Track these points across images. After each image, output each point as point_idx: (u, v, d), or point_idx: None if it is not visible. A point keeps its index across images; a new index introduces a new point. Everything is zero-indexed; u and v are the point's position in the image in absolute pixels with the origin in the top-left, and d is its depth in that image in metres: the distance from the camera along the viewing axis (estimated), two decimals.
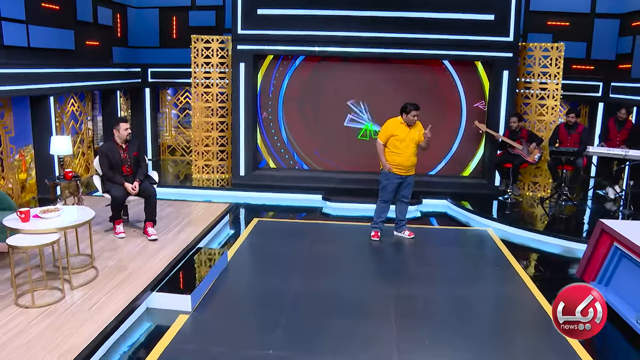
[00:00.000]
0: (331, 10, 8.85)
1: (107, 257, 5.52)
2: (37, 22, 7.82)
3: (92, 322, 4.15)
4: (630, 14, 10.24)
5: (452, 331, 4.66)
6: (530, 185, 9.51)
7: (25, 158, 8.12)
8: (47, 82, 7.78)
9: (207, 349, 4.24)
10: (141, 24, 11.00)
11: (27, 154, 8.18)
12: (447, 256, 6.82)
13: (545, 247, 7.09)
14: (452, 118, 9.39)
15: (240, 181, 9.48)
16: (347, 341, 4.40)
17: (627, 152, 8.43)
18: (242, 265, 6.11)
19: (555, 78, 9.17)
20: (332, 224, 7.93)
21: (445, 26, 8.80)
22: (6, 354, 3.67)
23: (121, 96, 10.43)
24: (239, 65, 9.12)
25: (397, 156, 6.48)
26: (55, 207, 4.93)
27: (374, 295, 5.39)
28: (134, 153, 6.27)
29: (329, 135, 9.56)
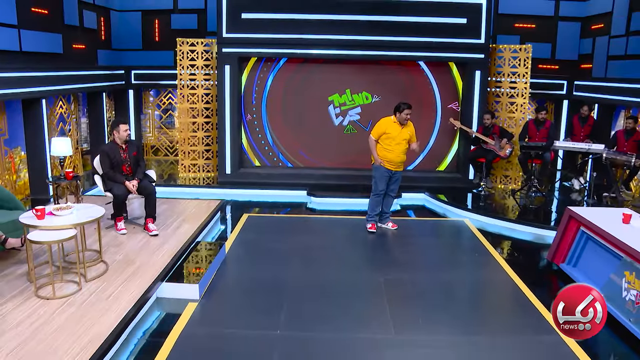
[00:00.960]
0: (313, 15, 9.25)
1: (113, 252, 5.84)
2: (28, 27, 8.02)
3: (111, 312, 4.49)
4: (590, 18, 10.93)
5: (440, 311, 5.14)
6: (502, 178, 10.10)
7: (14, 160, 8.31)
8: (39, 85, 7.99)
9: (219, 331, 4.62)
10: (124, 27, 11.22)
11: (16, 155, 8.37)
12: (429, 245, 7.32)
13: (517, 235, 7.64)
14: (428, 116, 9.88)
15: (226, 179, 9.81)
16: (347, 321, 4.83)
17: (590, 146, 9.04)
18: (239, 257, 6.47)
19: (524, 77, 9.76)
20: (319, 218, 8.35)
21: (421, 29, 9.29)
22: (36, 344, 3.96)
23: (106, 98, 10.63)
24: (224, 67, 9.45)
25: (389, 153, 6.93)
26: (67, 204, 5.23)
27: (365, 281, 5.83)
28: (133, 153, 6.58)
29: (311, 133, 9.96)
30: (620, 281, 4.84)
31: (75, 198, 7.11)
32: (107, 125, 10.54)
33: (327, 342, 4.48)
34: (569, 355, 4.32)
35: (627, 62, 9.62)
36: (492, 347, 4.51)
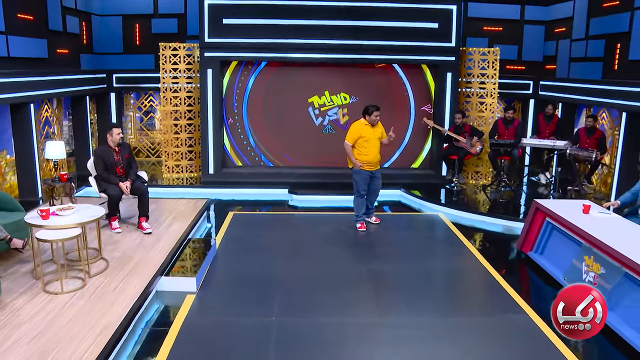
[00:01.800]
0: (292, 20, 9.63)
1: (111, 250, 6.15)
2: (15, 33, 8.22)
3: (117, 304, 4.82)
4: (553, 22, 11.54)
5: (420, 296, 5.60)
6: (473, 174, 10.64)
7: (0, 163, 8.50)
8: (28, 90, 8.20)
9: (219, 319, 5.00)
10: (105, 31, 11.42)
11: (2, 159, 8.56)
12: (407, 238, 7.79)
13: (488, 227, 8.16)
14: (402, 116, 10.35)
15: (209, 179, 10.13)
16: (335, 308, 5.26)
17: (554, 142, 9.65)
18: (229, 252, 6.83)
19: (492, 78, 10.31)
20: (302, 214, 8.75)
21: (396, 34, 9.75)
22: (52, 334, 4.27)
23: (89, 101, 10.84)
24: (206, 71, 9.77)
25: (366, 155, 7.34)
26: (69, 205, 5.54)
27: (349, 271, 6.26)
28: (125, 155, 6.89)
29: (292, 134, 10.33)
30: (581, 265, 5.36)
31: (69, 199, 7.37)
32: (91, 128, 10.76)
33: (318, 326, 4.89)
34: (535, 331, 4.82)
35: (587, 63, 10.23)
36: (468, 326, 4.98)
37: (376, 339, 4.70)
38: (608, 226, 5.49)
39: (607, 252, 4.96)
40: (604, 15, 9.68)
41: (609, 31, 9.52)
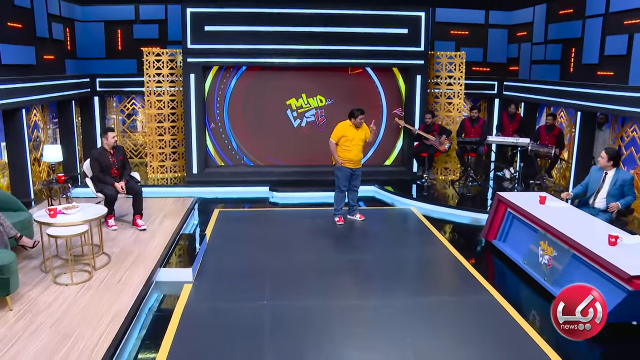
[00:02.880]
0: (270, 27, 10.18)
1: (110, 245, 6.62)
2: (6, 41, 8.58)
3: (125, 293, 5.32)
4: (515, 26, 12.31)
5: (396, 281, 6.23)
6: (442, 170, 11.34)
7: None
8: (19, 95, 8.57)
9: (216, 305, 5.55)
10: (88, 37, 11.75)
11: None
12: (383, 230, 8.42)
13: (457, 219, 8.84)
14: (375, 116, 10.82)
15: (193, 178, 10.61)
16: (320, 292, 5.85)
17: (517, 140, 10.40)
18: (218, 246, 7.32)
19: (459, 80, 11.01)
20: (283, 210, 9.33)
21: (368, 39, 10.36)
22: (70, 320, 4.75)
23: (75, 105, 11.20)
24: (189, 76, 10.25)
25: (348, 152, 7.93)
26: (73, 204, 6.01)
27: (331, 260, 6.85)
28: (120, 157, 7.36)
29: (271, 135, 10.87)
30: (537, 249, 6.05)
31: (66, 199, 7.79)
32: (77, 131, 11.15)
33: (306, 308, 5.47)
34: (498, 308, 5.48)
35: (546, 66, 11.01)
36: (438, 306, 5.63)
37: (357, 319, 5.30)
38: (560, 215, 6.19)
39: (558, 237, 5.65)
40: (561, 21, 10.45)
41: (565, 36, 10.29)
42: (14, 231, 5.67)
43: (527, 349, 4.73)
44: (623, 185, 6.46)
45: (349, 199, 8.43)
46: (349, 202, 8.47)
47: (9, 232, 5.59)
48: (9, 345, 4.29)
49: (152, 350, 4.63)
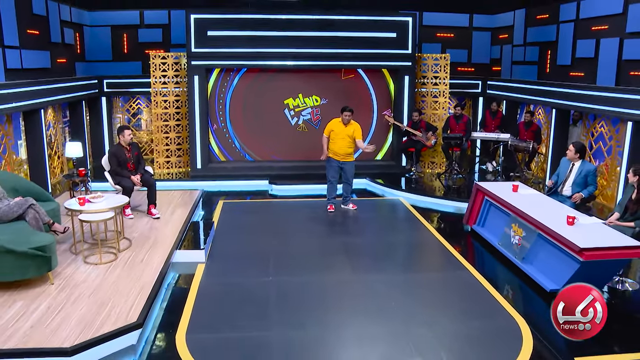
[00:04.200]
0: (268, 32, 10.95)
1: (129, 232, 7.38)
2: (26, 47, 9.29)
3: (148, 270, 6.09)
4: (498, 28, 13.12)
5: (386, 260, 7.06)
6: (429, 164, 12.16)
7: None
8: (38, 97, 9.30)
9: (227, 280, 6.32)
10: (96, 40, 12.47)
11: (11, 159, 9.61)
12: (374, 218, 9.22)
13: (442, 208, 9.66)
14: (366, 114, 11.77)
15: (197, 173, 11.36)
16: (319, 269, 6.65)
17: (498, 135, 11.22)
18: (225, 232, 8.08)
19: (444, 80, 11.82)
20: (282, 201, 10.11)
21: (360, 42, 11.16)
22: (104, 292, 5.52)
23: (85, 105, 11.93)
24: (193, 77, 11.00)
25: (334, 145, 8.73)
26: (98, 194, 6.77)
27: (328, 244, 7.66)
28: (135, 153, 8.12)
29: (270, 132, 11.65)
30: (510, 231, 6.86)
31: (85, 191, 8.54)
32: (87, 130, 11.89)
33: (306, 283, 6.26)
34: (474, 283, 6.29)
35: (525, 66, 11.83)
36: (422, 280, 6.46)
37: (350, 290, 6.11)
38: (530, 201, 7.00)
39: (526, 219, 6.47)
40: (538, 25, 11.28)
41: (542, 39, 11.12)
42: (47, 218, 6.42)
43: (498, 315, 5.54)
44: (587, 175, 7.26)
45: (343, 190, 9.20)
46: (343, 193, 9.24)
47: (43, 218, 6.34)
48: (56, 311, 5.06)
49: (175, 316, 5.40)
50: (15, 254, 5.30)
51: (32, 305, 5.18)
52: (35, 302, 5.24)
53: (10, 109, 8.45)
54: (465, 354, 4.80)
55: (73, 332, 4.69)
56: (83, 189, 8.73)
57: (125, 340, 4.77)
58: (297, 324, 5.32)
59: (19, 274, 5.40)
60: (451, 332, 5.19)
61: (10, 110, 8.47)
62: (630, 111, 8.23)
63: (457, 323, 5.39)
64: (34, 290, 5.51)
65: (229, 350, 4.84)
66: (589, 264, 5.40)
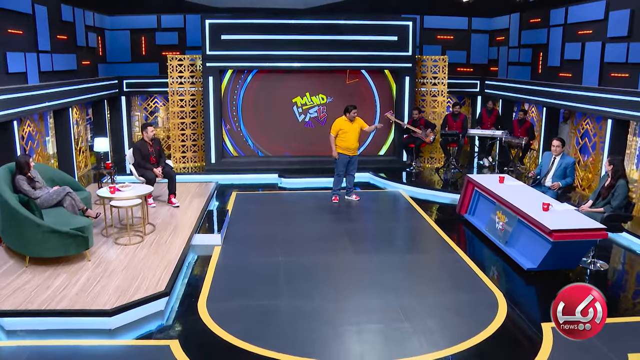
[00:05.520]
0: (278, 35, 11.74)
1: (152, 218, 8.20)
2: (57, 51, 10.14)
3: (172, 249, 6.91)
4: (495, 31, 13.84)
5: (385, 244, 7.85)
6: (428, 159, 12.91)
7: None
8: (67, 97, 10.16)
9: (241, 260, 7.12)
10: (116, 43, 13.32)
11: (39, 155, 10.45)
12: (375, 208, 10.00)
13: (439, 200, 10.40)
14: (369, 112, 12.53)
15: (211, 167, 12.18)
16: (324, 251, 7.45)
17: (494, 132, 11.95)
18: (239, 219, 8.87)
19: (443, 80, 12.56)
20: (290, 193, 10.90)
21: (363, 45, 11.93)
22: (134, 267, 6.34)
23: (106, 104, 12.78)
24: (208, 78, 11.81)
25: (344, 142, 9.47)
26: (126, 183, 7.60)
27: (332, 230, 8.44)
28: (157, 148, 8.94)
29: (279, 129, 12.45)
30: (495, 218, 7.62)
31: (112, 182, 9.37)
32: (108, 127, 12.76)
33: (312, 262, 7.05)
34: (462, 263, 7.06)
35: (520, 67, 12.55)
36: (417, 260, 7.27)
37: (351, 269, 6.92)
38: (513, 191, 7.75)
39: (508, 207, 7.22)
40: (531, 29, 11.99)
41: (534, 42, 11.83)
42: (82, 204, 7.25)
43: (479, 290, 6.29)
44: (566, 168, 8.00)
45: (347, 182, 9.98)
46: (347, 185, 10.02)
47: (78, 205, 7.17)
48: (95, 282, 5.89)
49: (196, 289, 6.21)
50: (59, 233, 6.13)
51: (74, 277, 6.01)
52: (76, 274, 6.08)
53: (44, 108, 9.31)
54: (447, 320, 5.58)
55: (111, 298, 5.51)
56: (109, 180, 9.56)
57: (154, 305, 5.58)
58: (303, 295, 6.12)
59: (62, 250, 6.24)
60: (437, 303, 5.96)
61: (44, 109, 9.33)
62: (610, 110, 8.96)
63: (443, 296, 6.16)
64: (74, 265, 6.35)
65: (243, 315, 5.63)
66: (559, 244, 6.15)
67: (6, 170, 6.92)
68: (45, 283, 5.83)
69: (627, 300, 6.26)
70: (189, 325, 5.42)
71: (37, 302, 5.40)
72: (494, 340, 5.17)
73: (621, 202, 6.76)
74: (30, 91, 8.81)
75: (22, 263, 6.35)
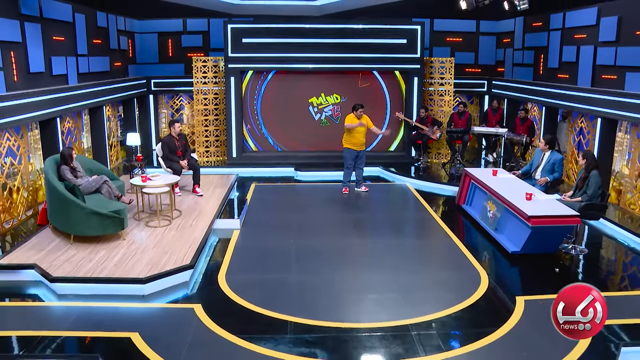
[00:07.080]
0: (295, 39, 12.62)
1: (179, 205, 9.14)
2: (93, 54, 11.15)
3: (197, 230, 7.84)
4: (502, 33, 14.53)
5: (388, 230, 8.71)
6: (436, 155, 13.68)
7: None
8: (102, 96, 11.17)
9: (258, 242, 8.03)
10: (144, 45, 14.33)
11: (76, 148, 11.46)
12: (383, 199, 10.83)
13: (442, 192, 11.15)
14: (380, 111, 13.33)
15: (232, 161, 13.11)
16: (332, 235, 8.32)
17: (497, 130, 12.67)
18: (257, 207, 9.77)
19: (449, 80, 13.31)
20: (305, 185, 11.78)
21: (374, 48, 12.73)
22: (164, 245, 7.27)
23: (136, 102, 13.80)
24: (230, 78, 12.74)
25: (352, 138, 10.31)
26: (156, 173, 8.55)
27: (341, 218, 9.30)
28: (183, 142, 9.89)
29: (296, 126, 13.31)
30: (487, 207, 8.40)
31: (142, 173, 10.33)
32: (137, 123, 13.78)
33: (322, 245, 7.92)
34: (455, 248, 7.85)
35: (524, 68, 13.24)
36: (415, 245, 8.12)
37: (355, 250, 7.77)
38: (504, 183, 8.51)
39: (497, 197, 8.00)
40: (533, 32, 12.68)
41: (536, 44, 12.52)
42: (117, 192, 8.21)
43: (466, 268, 7.10)
44: (554, 164, 8.72)
45: (356, 175, 10.81)
46: (356, 178, 10.85)
47: (114, 192, 8.14)
48: (130, 256, 6.84)
49: (217, 265, 7.11)
50: (99, 215, 7.10)
51: (112, 252, 6.97)
52: (114, 251, 7.04)
53: (82, 107, 10.32)
54: (436, 292, 6.40)
55: (144, 269, 6.45)
56: (140, 172, 10.53)
57: (181, 276, 6.51)
58: (311, 271, 7.00)
59: (101, 230, 7.21)
60: (428, 279, 6.79)
61: (81, 108, 10.34)
62: (600, 109, 9.65)
63: (434, 273, 7.00)
64: (111, 243, 7.31)
65: (258, 286, 6.52)
66: (538, 229, 6.92)
67: (52, 161, 7.90)
68: (88, 257, 6.80)
69: (604, 277, 7.00)
70: (210, 293, 6.33)
71: (82, 271, 6.37)
72: (472, 308, 5.98)
73: (595, 191, 7.48)
74: (71, 91, 9.82)
75: (67, 241, 7.32)
